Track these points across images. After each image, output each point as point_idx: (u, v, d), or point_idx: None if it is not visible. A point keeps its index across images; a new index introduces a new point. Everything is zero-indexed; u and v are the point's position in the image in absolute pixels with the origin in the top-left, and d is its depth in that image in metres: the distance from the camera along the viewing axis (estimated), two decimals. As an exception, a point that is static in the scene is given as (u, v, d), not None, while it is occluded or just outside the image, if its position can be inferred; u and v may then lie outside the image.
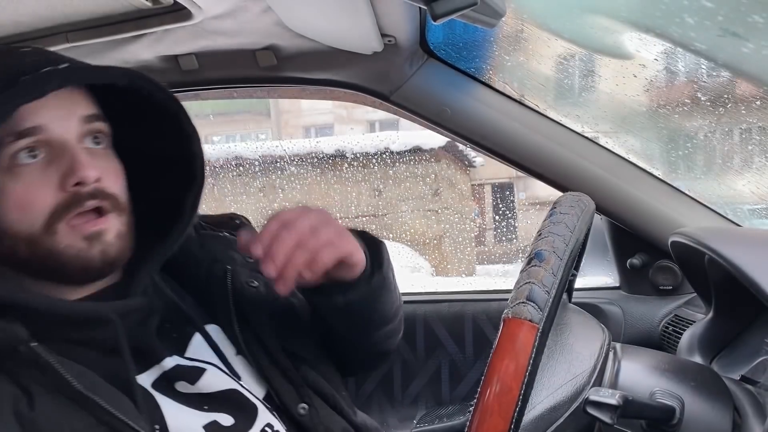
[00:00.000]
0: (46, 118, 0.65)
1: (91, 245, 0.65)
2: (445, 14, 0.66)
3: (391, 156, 3.96)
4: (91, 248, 0.65)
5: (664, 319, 1.28)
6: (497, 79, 1.31)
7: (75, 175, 0.64)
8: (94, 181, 0.65)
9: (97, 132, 0.69)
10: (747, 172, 1.36)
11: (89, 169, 0.64)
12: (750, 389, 0.74)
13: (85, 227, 0.65)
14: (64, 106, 0.66)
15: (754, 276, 0.69)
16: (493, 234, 3.17)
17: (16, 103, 0.62)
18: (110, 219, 0.67)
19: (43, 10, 0.96)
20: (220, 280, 0.79)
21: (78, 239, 0.65)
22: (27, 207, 0.64)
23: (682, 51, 1.20)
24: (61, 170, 0.64)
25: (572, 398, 0.66)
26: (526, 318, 0.52)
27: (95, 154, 0.68)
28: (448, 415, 1.36)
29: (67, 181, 0.64)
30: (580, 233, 0.63)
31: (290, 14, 1.03)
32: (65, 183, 0.64)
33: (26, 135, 0.64)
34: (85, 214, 0.65)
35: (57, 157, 0.65)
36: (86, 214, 0.65)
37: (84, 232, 0.65)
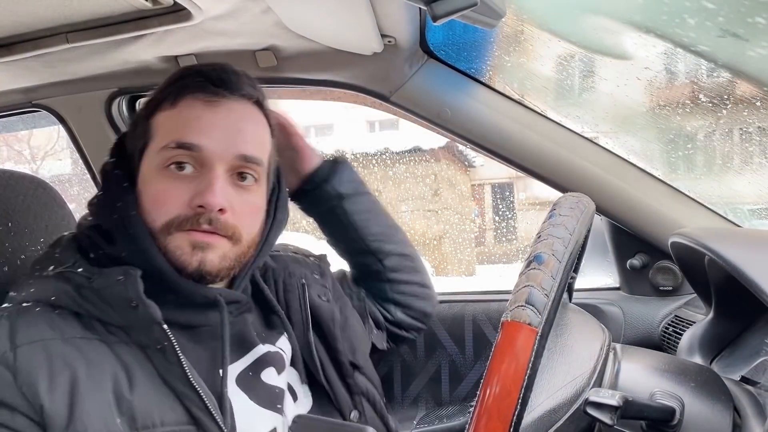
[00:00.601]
0: (209, 141, 0.73)
1: (194, 252, 0.73)
2: (445, 15, 0.66)
3: (391, 156, 3.96)
4: (193, 255, 0.73)
5: (664, 320, 1.28)
6: (497, 79, 1.31)
7: (202, 199, 0.72)
8: (217, 210, 0.72)
9: (247, 171, 0.76)
10: (747, 172, 1.36)
11: (217, 198, 0.72)
12: (750, 390, 0.74)
13: (195, 235, 0.73)
14: (229, 139, 0.74)
15: (754, 276, 0.69)
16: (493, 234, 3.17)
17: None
18: (219, 240, 0.74)
19: (43, 11, 0.96)
20: (296, 291, 0.88)
21: (186, 243, 0.72)
22: (158, 206, 0.73)
23: (683, 51, 1.19)
24: (196, 189, 0.72)
25: (572, 399, 0.66)
26: (525, 321, 0.52)
27: (237, 188, 0.76)
28: (448, 416, 1.36)
29: (194, 200, 0.72)
30: (579, 235, 0.63)
31: (290, 15, 1.03)
32: (193, 201, 0.72)
33: (185, 149, 0.72)
34: (199, 229, 0.73)
35: (200, 177, 0.73)
36: (201, 229, 0.73)
37: (192, 239, 0.73)
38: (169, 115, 0.75)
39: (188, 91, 0.75)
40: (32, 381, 0.62)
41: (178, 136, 0.72)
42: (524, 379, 0.51)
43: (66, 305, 0.70)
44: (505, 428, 0.50)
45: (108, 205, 0.75)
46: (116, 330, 0.70)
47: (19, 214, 0.92)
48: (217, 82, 0.74)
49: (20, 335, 0.65)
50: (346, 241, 1.03)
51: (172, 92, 0.76)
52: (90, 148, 1.53)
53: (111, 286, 0.69)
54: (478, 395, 0.52)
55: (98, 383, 0.65)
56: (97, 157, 1.53)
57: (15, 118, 1.61)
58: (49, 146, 4.12)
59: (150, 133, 0.76)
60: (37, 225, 0.94)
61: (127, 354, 0.69)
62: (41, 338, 0.65)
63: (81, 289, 0.70)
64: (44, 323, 0.67)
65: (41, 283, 0.72)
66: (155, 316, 0.69)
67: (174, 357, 0.69)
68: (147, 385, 0.68)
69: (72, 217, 1.02)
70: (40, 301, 0.70)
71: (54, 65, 1.23)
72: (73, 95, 1.43)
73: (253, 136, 0.77)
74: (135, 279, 0.69)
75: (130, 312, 0.69)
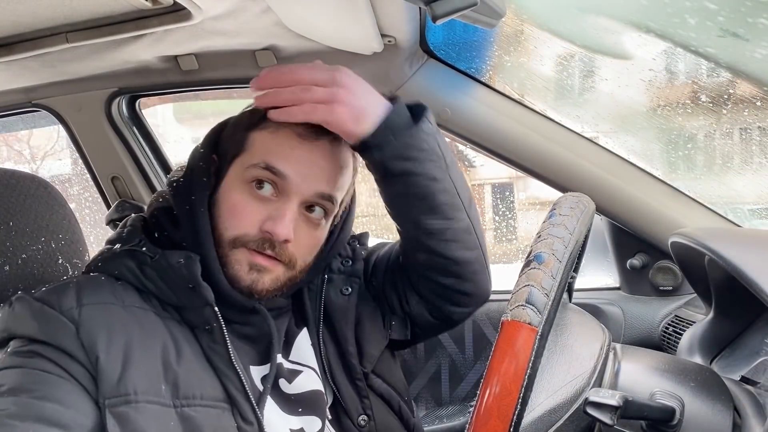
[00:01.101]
0: (295, 174, 0.77)
1: (250, 272, 0.77)
2: (445, 15, 0.66)
3: (391, 156, 3.95)
4: (248, 274, 0.77)
5: (664, 320, 1.28)
6: (497, 79, 1.31)
7: (273, 227, 0.76)
8: (282, 240, 0.76)
9: (319, 207, 0.80)
10: (747, 172, 1.36)
11: (285, 230, 0.76)
12: (750, 390, 0.74)
13: (256, 257, 0.77)
14: (313, 177, 0.78)
15: (754, 276, 0.69)
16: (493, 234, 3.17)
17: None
18: (276, 265, 0.78)
19: (43, 10, 0.96)
20: (315, 287, 0.90)
21: (245, 261, 0.77)
22: (231, 217, 0.77)
23: (683, 51, 1.19)
24: (268, 213, 0.77)
25: (572, 399, 0.66)
26: (525, 321, 0.52)
27: (305, 221, 0.80)
28: (448, 416, 1.36)
29: (265, 224, 0.76)
30: (579, 235, 0.63)
31: (290, 14, 1.03)
32: (262, 225, 0.76)
33: (271, 172, 0.76)
34: (262, 252, 0.77)
35: (276, 203, 0.77)
36: (263, 253, 0.77)
37: (252, 260, 0.77)
38: (267, 137, 0.79)
39: (291, 124, 0.78)
40: (92, 335, 0.68)
41: (269, 159, 0.76)
42: (524, 378, 0.51)
43: (128, 279, 0.76)
44: (505, 428, 0.50)
45: (185, 193, 0.79)
46: (170, 308, 0.76)
47: (20, 213, 0.92)
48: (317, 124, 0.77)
49: (85, 296, 0.71)
50: (394, 218, 0.88)
51: None
52: (90, 147, 1.53)
53: (172, 267, 0.74)
54: (478, 395, 0.53)
55: (150, 349, 0.71)
56: (97, 156, 1.54)
57: (15, 117, 1.61)
58: (49, 146, 4.12)
59: (245, 145, 0.80)
60: (37, 224, 0.94)
61: (178, 330, 0.75)
62: (104, 301, 0.72)
63: (143, 267, 0.75)
64: (108, 290, 0.74)
65: (108, 257, 0.78)
66: (208, 298, 0.74)
67: (220, 337, 0.75)
68: (192, 361, 0.73)
69: (73, 216, 1.02)
70: (106, 272, 0.77)
71: (54, 65, 1.23)
72: (73, 95, 1.43)
73: (335, 175, 0.80)
74: (195, 262, 0.74)
75: (186, 292, 0.74)
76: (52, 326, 0.69)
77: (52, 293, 0.71)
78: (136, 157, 1.52)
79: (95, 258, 0.80)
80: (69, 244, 0.99)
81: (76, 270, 0.99)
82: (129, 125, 1.50)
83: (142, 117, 1.54)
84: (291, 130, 0.78)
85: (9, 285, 0.89)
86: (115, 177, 1.54)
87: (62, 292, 0.71)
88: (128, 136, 1.50)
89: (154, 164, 1.57)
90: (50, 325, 0.69)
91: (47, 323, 0.69)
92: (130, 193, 1.55)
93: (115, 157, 1.51)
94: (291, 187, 0.77)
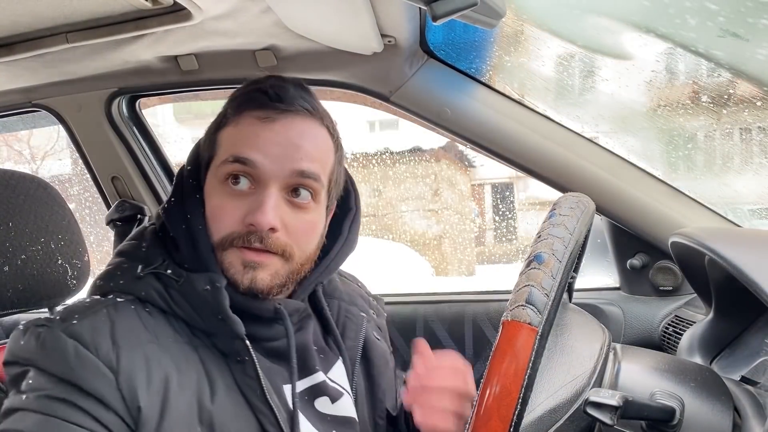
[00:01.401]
0: (265, 158, 0.73)
1: (245, 271, 0.73)
2: (445, 15, 0.66)
3: (391, 156, 3.96)
4: (244, 274, 0.73)
5: (664, 320, 1.28)
6: (497, 79, 1.31)
7: (253, 218, 0.72)
8: (268, 229, 0.72)
9: (302, 187, 0.76)
10: (747, 172, 1.36)
11: (267, 217, 0.72)
12: (750, 390, 0.74)
13: (246, 254, 0.73)
14: (286, 156, 0.74)
15: (754, 276, 0.69)
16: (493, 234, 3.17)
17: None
18: (271, 258, 0.74)
19: (43, 10, 0.96)
20: (356, 320, 0.89)
21: (238, 261, 0.73)
22: (215, 220, 0.74)
23: (683, 51, 1.19)
24: (249, 207, 0.73)
25: (572, 399, 0.66)
26: (526, 321, 0.52)
27: (291, 206, 0.76)
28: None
29: (246, 218, 0.73)
30: (579, 235, 0.62)
31: (290, 15, 1.03)
32: (245, 219, 0.73)
33: (241, 163, 0.73)
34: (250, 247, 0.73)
35: (254, 194, 0.74)
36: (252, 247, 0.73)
37: (244, 257, 0.73)
38: (231, 132, 0.76)
39: (247, 108, 0.75)
40: (132, 383, 0.64)
41: (235, 151, 0.74)
42: (524, 378, 0.51)
43: (156, 304, 0.72)
44: (506, 428, 0.50)
45: (178, 214, 0.76)
46: (200, 333, 0.73)
47: (20, 213, 0.92)
48: (273, 98, 0.75)
49: (121, 336, 0.67)
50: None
51: (235, 109, 0.77)
52: (90, 148, 1.53)
53: (198, 293, 0.71)
54: (478, 395, 0.52)
55: (185, 390, 0.68)
56: (97, 157, 1.54)
57: (15, 118, 1.61)
58: (49, 146, 4.12)
59: (215, 147, 0.77)
60: (37, 225, 0.94)
61: (210, 360, 0.71)
62: (141, 342, 0.67)
63: (170, 290, 0.72)
64: (141, 324, 0.69)
65: (133, 279, 0.73)
66: (239, 332, 0.71)
67: (253, 372, 0.72)
68: (226, 397, 0.70)
69: (72, 216, 1.02)
70: (132, 295, 0.72)
71: (54, 65, 1.24)
72: (72, 95, 1.43)
73: (310, 151, 0.76)
74: (221, 291, 0.71)
75: (216, 322, 0.71)
76: (89, 371, 0.63)
77: (86, 329, 0.66)
78: (136, 157, 1.52)
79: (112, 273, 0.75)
80: (68, 245, 0.99)
81: (75, 270, 0.99)
82: (129, 125, 1.50)
83: (142, 117, 1.54)
84: (250, 114, 0.75)
85: (9, 285, 0.89)
86: (115, 177, 1.54)
87: (96, 330, 0.66)
88: (128, 136, 1.50)
89: (154, 164, 1.57)
90: (86, 369, 0.63)
91: (82, 367, 0.63)
92: (130, 193, 1.55)
93: (115, 157, 1.51)
94: (265, 173, 0.73)
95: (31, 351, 0.65)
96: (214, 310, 0.71)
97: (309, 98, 0.78)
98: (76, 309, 0.69)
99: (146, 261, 0.74)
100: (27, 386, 0.64)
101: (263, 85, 0.76)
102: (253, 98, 0.76)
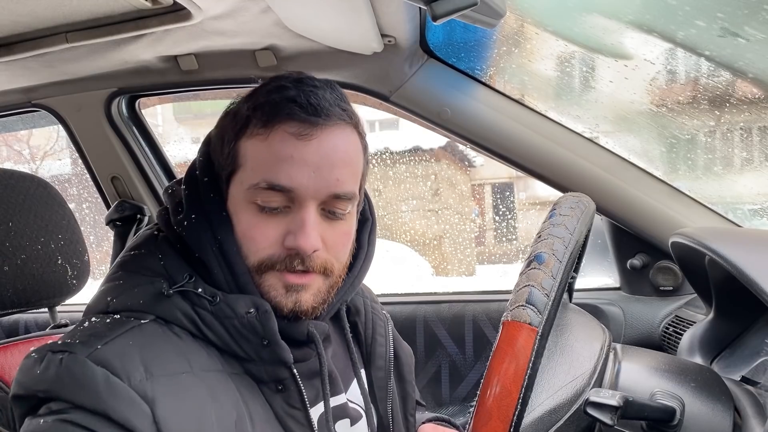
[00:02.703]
0: (304, 180, 0.66)
1: (288, 294, 0.69)
2: (445, 14, 0.66)
3: (391, 156, 3.95)
4: (287, 297, 0.69)
5: (664, 320, 1.28)
6: (497, 79, 1.31)
7: (295, 241, 0.67)
8: (310, 253, 0.68)
9: (340, 209, 0.71)
10: (747, 172, 1.36)
11: (310, 241, 0.67)
12: (750, 390, 0.74)
13: (288, 277, 0.69)
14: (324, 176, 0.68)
15: (755, 276, 0.69)
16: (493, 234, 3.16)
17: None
18: (314, 277, 0.70)
19: (43, 10, 0.96)
20: (382, 316, 0.86)
21: (280, 285, 0.69)
22: (249, 242, 0.68)
23: (683, 51, 1.19)
24: (287, 228, 0.68)
25: (572, 399, 0.66)
26: (526, 321, 0.52)
27: (329, 221, 0.70)
28: (448, 416, 1.36)
29: (286, 241, 0.67)
30: (579, 235, 0.62)
31: (290, 14, 1.02)
32: (285, 241, 0.68)
33: (277, 190, 0.66)
34: (293, 271, 0.69)
35: (291, 214, 0.68)
36: (294, 271, 0.69)
37: (286, 281, 0.69)
38: (259, 147, 0.68)
39: (279, 122, 0.67)
40: (168, 416, 0.59)
41: (270, 177, 0.66)
42: (524, 378, 0.51)
43: (184, 326, 0.65)
44: (506, 428, 0.50)
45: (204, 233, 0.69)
46: (231, 359, 0.67)
47: (20, 213, 0.92)
48: (309, 110, 0.67)
49: (154, 364, 0.61)
50: None
51: (263, 120, 0.68)
52: (90, 148, 1.53)
53: (239, 317, 0.66)
54: (478, 395, 0.52)
55: (224, 422, 0.63)
56: (97, 156, 1.54)
57: (15, 117, 1.61)
58: (49, 146, 4.12)
59: (238, 160, 0.69)
60: (37, 224, 0.94)
61: (245, 388, 0.67)
62: (175, 372, 0.62)
63: (199, 311, 0.66)
64: (172, 349, 0.63)
65: (156, 298, 0.66)
66: (287, 359, 0.67)
67: (299, 401, 0.69)
68: (265, 426, 0.66)
69: (72, 216, 1.02)
70: (157, 316, 0.65)
71: (54, 65, 1.23)
72: (72, 95, 1.43)
73: (347, 164, 0.70)
74: (270, 316, 0.66)
75: (256, 347, 0.66)
76: (122, 402, 0.57)
77: (114, 355, 0.59)
78: (136, 157, 1.52)
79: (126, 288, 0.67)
80: (68, 245, 0.98)
81: (75, 270, 0.99)
82: (129, 125, 1.50)
83: (142, 117, 1.54)
84: (283, 129, 0.66)
85: (8, 285, 0.89)
86: (115, 177, 1.54)
87: (125, 356, 0.60)
88: (128, 136, 1.50)
89: (154, 164, 1.57)
90: (118, 400, 0.57)
91: (114, 397, 0.57)
92: (129, 193, 1.55)
93: (114, 157, 1.51)
94: (303, 195, 0.67)
95: (50, 381, 0.58)
96: (259, 335, 0.66)
97: (343, 103, 0.70)
98: (95, 332, 0.62)
99: (169, 277, 0.67)
100: (46, 410, 0.58)
101: (293, 93, 0.67)
102: (284, 109, 0.67)
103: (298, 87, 0.68)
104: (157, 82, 1.35)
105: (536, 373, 0.52)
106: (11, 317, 1.67)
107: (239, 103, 0.71)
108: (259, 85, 0.71)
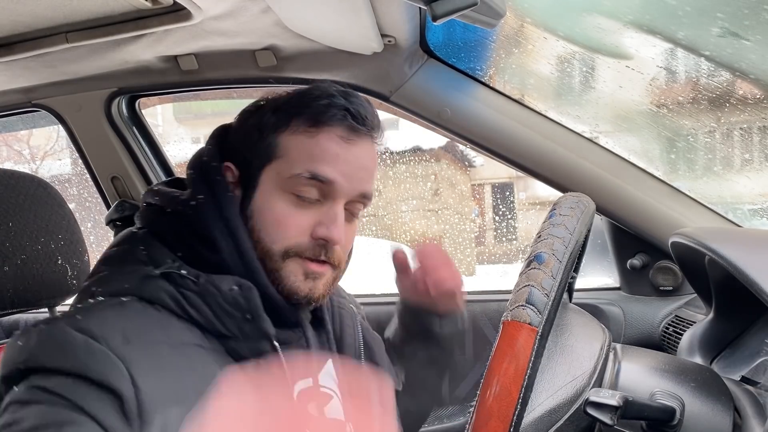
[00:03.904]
0: (342, 177, 0.74)
1: (306, 281, 0.74)
2: (444, 14, 0.66)
3: (391, 156, 3.95)
4: (305, 283, 0.74)
5: (664, 320, 1.28)
6: (497, 79, 1.31)
7: (327, 232, 0.73)
8: (336, 244, 0.74)
9: (360, 207, 0.79)
10: (747, 172, 1.36)
11: (340, 234, 0.74)
12: (750, 390, 0.74)
13: (310, 265, 0.74)
14: (357, 178, 0.76)
15: (755, 276, 0.69)
16: (493, 234, 3.17)
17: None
18: (328, 268, 0.76)
19: (43, 10, 0.96)
20: (349, 311, 0.90)
21: (300, 271, 0.74)
22: (278, 229, 0.73)
23: (683, 51, 1.19)
24: (318, 219, 0.74)
25: (572, 399, 0.66)
26: (526, 321, 0.52)
27: (347, 219, 0.78)
28: (448, 416, 1.36)
29: (317, 231, 0.73)
30: (579, 235, 0.62)
31: (290, 14, 1.03)
32: (315, 231, 0.73)
33: (319, 180, 0.73)
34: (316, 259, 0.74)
35: (323, 207, 0.74)
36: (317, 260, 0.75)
37: (307, 269, 0.74)
38: (305, 142, 0.74)
39: (328, 124, 0.74)
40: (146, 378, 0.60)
41: (314, 168, 0.72)
42: (524, 378, 0.51)
43: (167, 306, 0.68)
44: (506, 428, 0.50)
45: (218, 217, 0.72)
46: (212, 337, 0.69)
47: (20, 213, 0.92)
48: (359, 119, 0.75)
49: (132, 333, 0.63)
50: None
51: (310, 120, 0.74)
52: (90, 147, 1.53)
53: (222, 294, 0.69)
54: (478, 395, 0.52)
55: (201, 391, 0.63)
56: (97, 156, 1.54)
57: (15, 117, 1.61)
58: (49, 146, 4.12)
59: (277, 152, 0.74)
60: (37, 224, 0.94)
61: (225, 363, 0.69)
62: (153, 341, 0.64)
63: (183, 291, 0.69)
64: (151, 323, 0.66)
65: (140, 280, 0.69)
66: (269, 331, 0.70)
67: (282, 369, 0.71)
68: None
69: (72, 216, 1.02)
70: (139, 297, 0.68)
71: (54, 65, 1.24)
72: (72, 95, 1.43)
73: (373, 172, 0.79)
74: (253, 290, 0.70)
75: (239, 323, 0.69)
76: (100, 362, 0.59)
77: (94, 324, 0.62)
78: (136, 157, 1.53)
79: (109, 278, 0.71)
80: (68, 245, 0.99)
81: (75, 270, 0.99)
82: (129, 125, 1.51)
83: (142, 117, 1.54)
84: (331, 131, 0.74)
85: (8, 285, 0.89)
86: (115, 177, 1.54)
87: (105, 324, 0.62)
88: (128, 136, 1.51)
89: (154, 164, 1.57)
90: (96, 360, 0.59)
91: (93, 357, 0.59)
92: (129, 193, 1.55)
93: (114, 157, 1.51)
94: (337, 190, 0.74)
95: (30, 349, 0.60)
96: (242, 310, 0.69)
97: (377, 119, 0.79)
98: (78, 310, 0.65)
99: (153, 262, 0.70)
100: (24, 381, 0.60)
101: (344, 102, 0.75)
102: (336, 114, 0.74)
103: (346, 97, 0.76)
104: (157, 82, 1.35)
105: (536, 373, 0.52)
106: (11, 317, 1.67)
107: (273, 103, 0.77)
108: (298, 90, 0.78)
